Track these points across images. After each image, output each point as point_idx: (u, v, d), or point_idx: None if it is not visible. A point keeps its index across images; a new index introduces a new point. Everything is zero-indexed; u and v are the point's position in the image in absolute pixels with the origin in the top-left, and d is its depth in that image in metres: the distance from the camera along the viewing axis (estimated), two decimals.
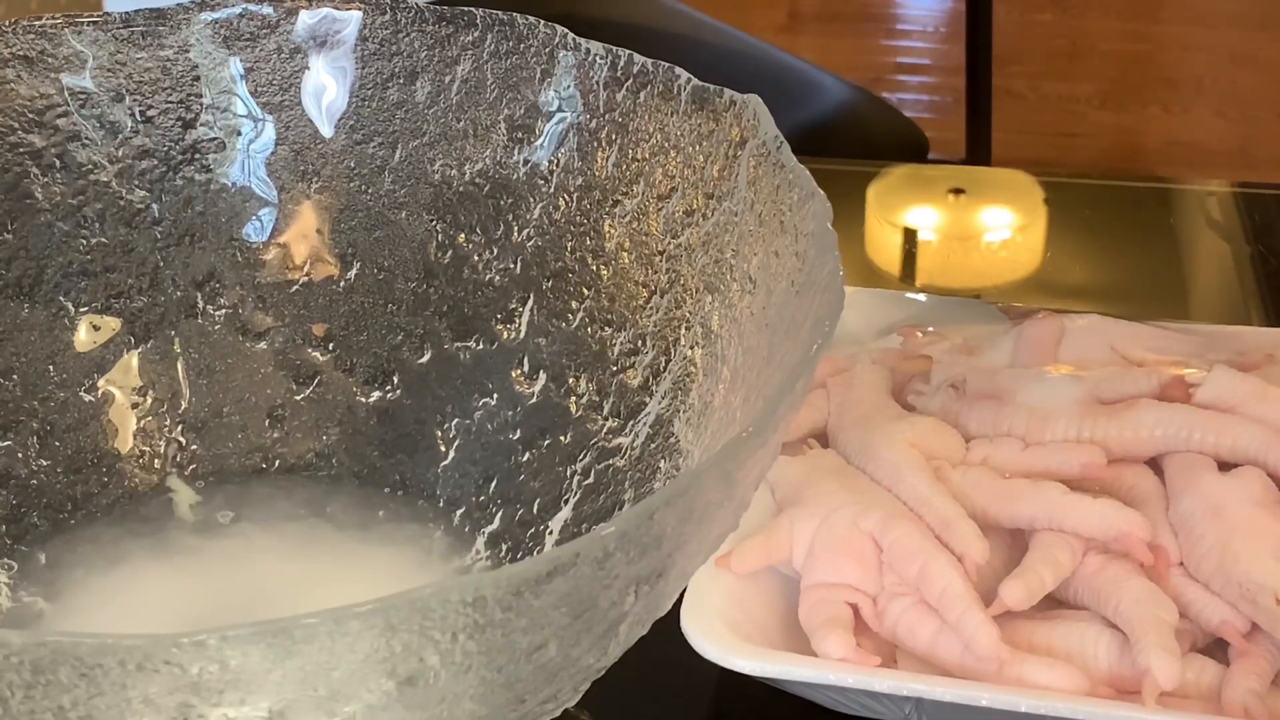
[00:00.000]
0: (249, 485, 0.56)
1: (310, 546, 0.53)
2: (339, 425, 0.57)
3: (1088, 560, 0.50)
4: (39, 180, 0.54)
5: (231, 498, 0.55)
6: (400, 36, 0.55)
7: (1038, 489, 0.51)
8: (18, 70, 0.54)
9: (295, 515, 0.54)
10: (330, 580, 0.52)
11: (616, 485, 0.51)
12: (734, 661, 0.47)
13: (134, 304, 0.56)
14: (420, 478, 0.55)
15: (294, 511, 0.54)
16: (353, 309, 0.57)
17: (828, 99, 1.27)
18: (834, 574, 0.50)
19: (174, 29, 0.55)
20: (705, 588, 0.49)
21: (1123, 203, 0.81)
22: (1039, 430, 0.53)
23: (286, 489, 0.55)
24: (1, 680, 0.32)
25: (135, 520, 0.54)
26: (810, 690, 0.49)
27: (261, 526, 0.54)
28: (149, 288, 0.56)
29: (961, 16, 1.53)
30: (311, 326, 0.57)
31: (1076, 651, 0.48)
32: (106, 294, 0.55)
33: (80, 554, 0.53)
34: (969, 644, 0.48)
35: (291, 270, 0.57)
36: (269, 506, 0.55)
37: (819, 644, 0.48)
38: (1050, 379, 0.55)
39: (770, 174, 0.47)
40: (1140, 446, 0.53)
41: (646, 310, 0.52)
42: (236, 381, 0.57)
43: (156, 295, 0.56)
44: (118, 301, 0.56)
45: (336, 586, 0.52)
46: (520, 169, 0.55)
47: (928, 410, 0.56)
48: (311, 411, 0.57)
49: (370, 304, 0.57)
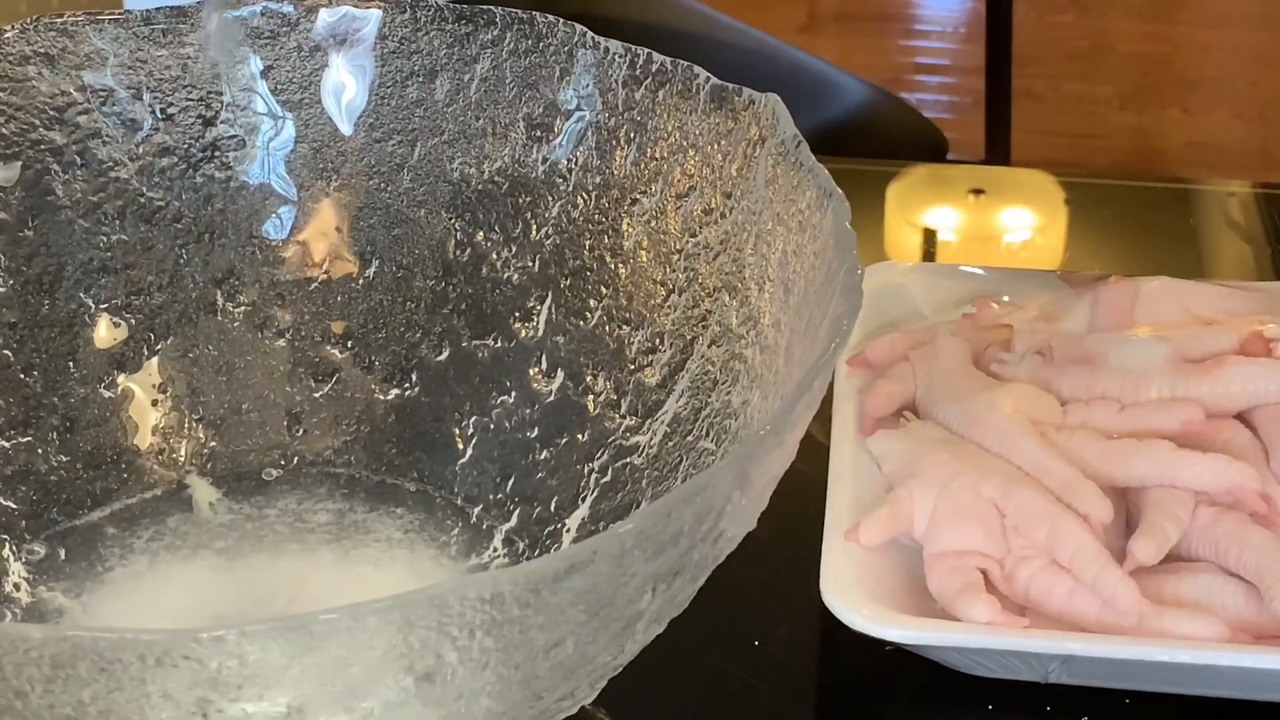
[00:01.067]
0: (267, 482, 0.56)
1: (328, 543, 0.53)
2: (357, 423, 0.57)
3: (1200, 513, 0.51)
4: (60, 177, 0.54)
5: (250, 494, 0.55)
6: (420, 35, 0.55)
7: (1148, 447, 0.52)
8: (39, 67, 0.54)
9: (314, 512, 0.54)
10: (348, 577, 0.52)
11: (634, 483, 0.51)
12: (886, 631, 0.48)
13: (154, 301, 0.56)
14: (438, 475, 0.56)
15: (312, 508, 0.55)
16: (371, 307, 0.57)
17: (847, 99, 1.27)
18: (960, 541, 0.51)
19: (195, 26, 0.55)
20: (838, 563, 0.50)
21: (1143, 203, 0.81)
22: (1134, 391, 0.54)
23: (305, 486, 0.56)
24: (22, 675, 0.32)
25: (154, 516, 0.54)
26: (952, 655, 0.50)
27: (280, 523, 0.54)
28: (169, 285, 0.56)
29: (981, 17, 1.53)
30: (330, 324, 0.57)
31: (1205, 601, 0.49)
32: (126, 291, 0.56)
33: (100, 550, 0.53)
34: (1109, 600, 0.49)
35: (310, 268, 0.57)
36: (287, 503, 0.55)
37: (963, 610, 0.49)
38: (1137, 341, 0.56)
39: (789, 173, 0.47)
40: (1232, 401, 0.54)
41: (664, 309, 0.52)
42: (255, 379, 0.57)
43: (176, 292, 0.56)
44: (138, 298, 0.56)
45: (354, 583, 0.52)
46: (539, 167, 0.55)
47: (1015, 378, 0.56)
48: (330, 409, 0.57)
49: (389, 302, 0.57)
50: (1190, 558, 0.51)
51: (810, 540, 0.51)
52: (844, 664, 0.53)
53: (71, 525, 0.53)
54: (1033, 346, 0.57)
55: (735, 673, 0.52)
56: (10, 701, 0.33)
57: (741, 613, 0.54)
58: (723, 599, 0.45)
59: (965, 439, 0.54)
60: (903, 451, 0.54)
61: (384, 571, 0.52)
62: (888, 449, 0.54)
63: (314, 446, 0.57)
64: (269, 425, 0.57)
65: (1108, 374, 0.55)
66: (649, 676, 0.44)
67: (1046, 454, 0.52)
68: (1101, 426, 0.54)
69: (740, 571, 0.43)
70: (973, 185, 0.83)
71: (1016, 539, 0.51)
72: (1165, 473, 0.52)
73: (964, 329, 0.59)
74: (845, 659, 0.53)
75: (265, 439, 0.57)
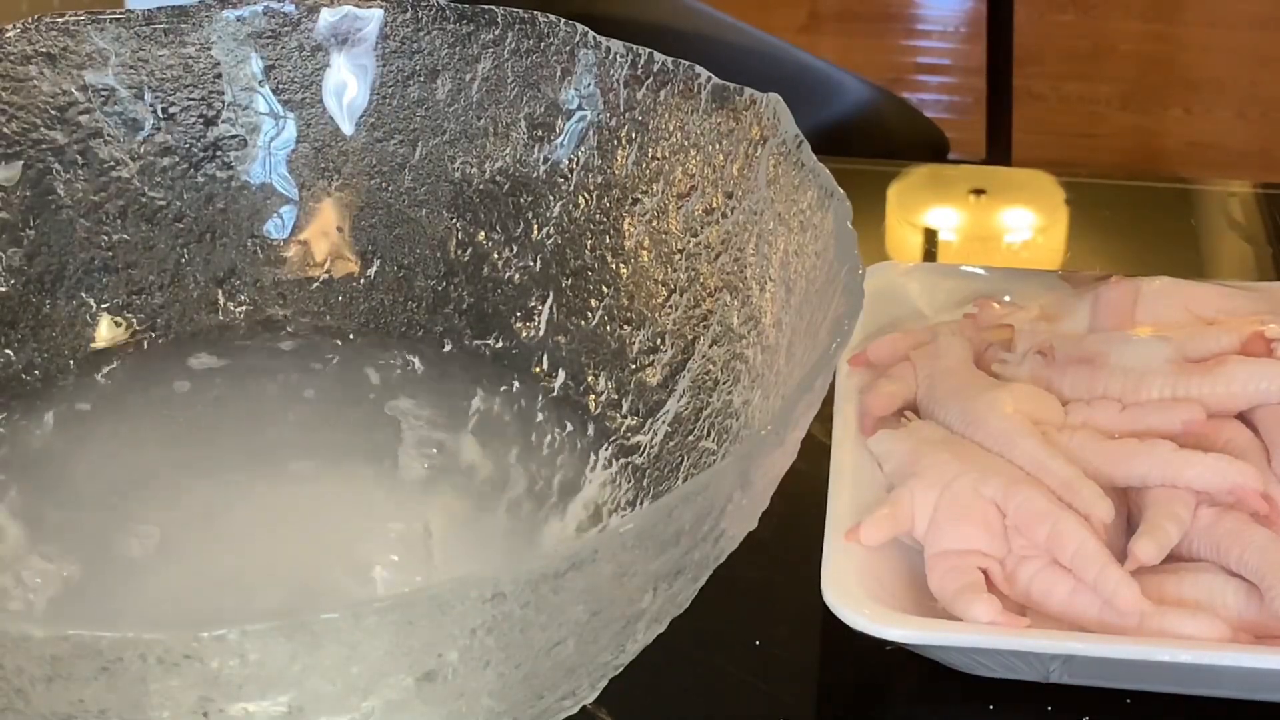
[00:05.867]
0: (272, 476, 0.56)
1: (339, 525, 0.53)
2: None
3: (1201, 513, 0.51)
4: (61, 177, 0.54)
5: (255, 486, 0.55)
6: (421, 34, 0.55)
7: (1149, 447, 0.52)
8: (40, 67, 0.54)
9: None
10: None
11: (635, 483, 0.51)
12: (888, 631, 0.48)
13: (155, 300, 0.56)
14: None
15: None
16: (373, 306, 0.57)
17: (848, 99, 1.27)
18: (961, 541, 0.51)
19: (196, 26, 0.55)
20: (839, 563, 0.50)
21: (1144, 203, 0.81)
22: (1135, 391, 0.55)
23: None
24: (23, 674, 0.32)
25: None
26: (953, 655, 0.50)
27: (279, 505, 0.54)
28: (170, 284, 0.56)
29: (982, 17, 1.53)
30: (331, 323, 0.57)
31: (1205, 601, 0.49)
32: (128, 290, 0.56)
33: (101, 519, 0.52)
34: (1110, 600, 0.49)
35: (312, 267, 0.57)
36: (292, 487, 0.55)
37: (963, 610, 0.49)
38: (1138, 341, 0.56)
39: (790, 173, 0.47)
40: (1233, 401, 0.54)
41: (666, 308, 0.52)
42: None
43: (177, 292, 0.56)
44: (139, 298, 0.56)
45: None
46: (540, 167, 0.55)
47: (1016, 377, 0.57)
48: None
49: (390, 301, 0.57)
50: (1191, 558, 0.51)
51: (811, 540, 0.51)
52: (845, 663, 0.53)
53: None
54: (1034, 346, 0.57)
55: (736, 672, 0.52)
56: (11, 700, 0.33)
57: (742, 612, 0.54)
58: (724, 599, 0.45)
59: (966, 439, 0.54)
60: (904, 451, 0.54)
61: None
62: (889, 449, 0.55)
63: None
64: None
65: (1109, 374, 0.55)
66: (650, 676, 0.44)
67: (1047, 454, 0.52)
68: (1102, 426, 0.54)
69: (741, 571, 0.43)
70: (974, 185, 0.83)
71: (1017, 539, 0.51)
72: (1166, 472, 0.52)
73: (965, 329, 0.59)
74: (846, 659, 0.53)
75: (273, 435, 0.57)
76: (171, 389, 0.56)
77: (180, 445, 0.55)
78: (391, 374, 0.57)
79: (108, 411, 0.55)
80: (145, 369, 0.56)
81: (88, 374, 0.55)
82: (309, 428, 0.56)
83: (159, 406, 0.56)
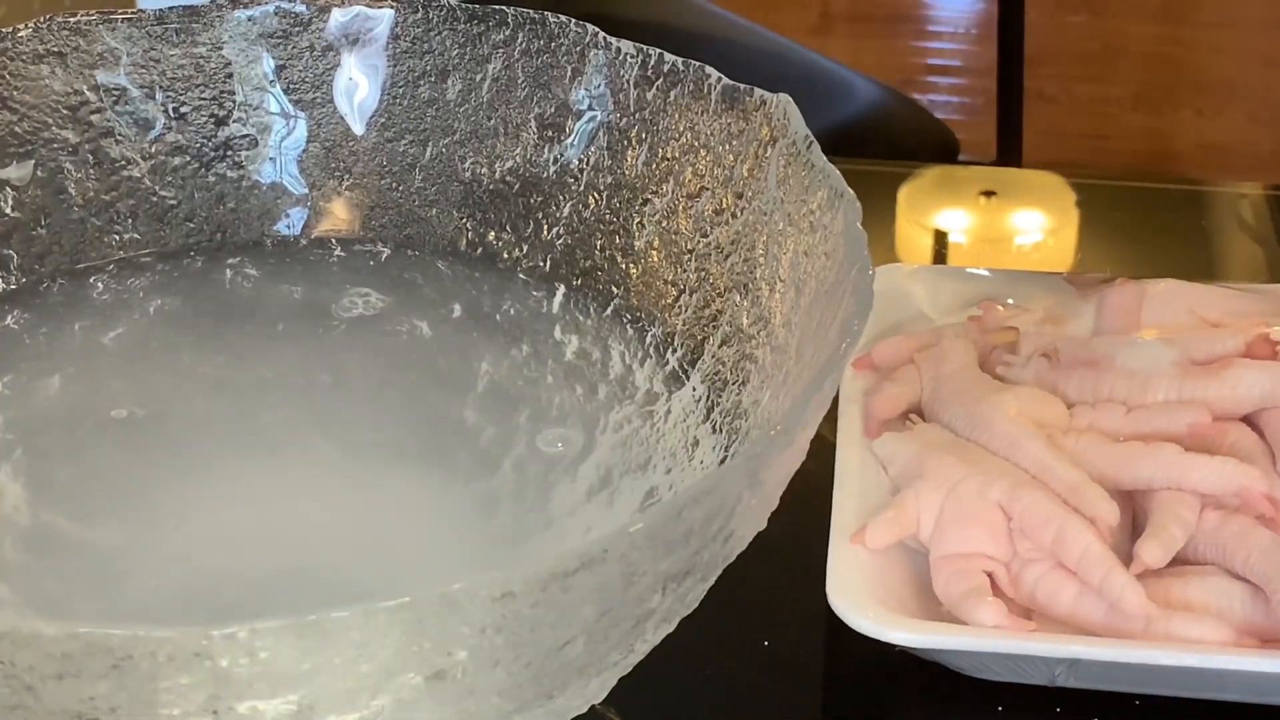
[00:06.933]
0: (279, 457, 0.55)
1: (353, 516, 0.53)
2: None
3: (1206, 516, 0.51)
4: (72, 176, 0.55)
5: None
6: (432, 34, 0.55)
7: (1155, 450, 0.52)
8: (52, 66, 0.54)
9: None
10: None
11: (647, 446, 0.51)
12: (893, 635, 0.48)
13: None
14: None
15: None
16: None
17: (858, 99, 1.27)
18: (966, 544, 0.51)
19: (207, 26, 0.55)
20: (844, 566, 0.50)
21: (1155, 205, 0.81)
22: (1140, 394, 0.54)
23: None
24: (33, 671, 0.32)
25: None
26: (959, 658, 0.50)
27: (292, 484, 0.53)
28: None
29: (993, 18, 1.53)
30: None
31: (1211, 605, 0.49)
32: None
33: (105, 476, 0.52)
34: (1116, 603, 0.48)
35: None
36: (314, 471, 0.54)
37: (969, 613, 0.49)
38: (1143, 343, 0.56)
39: (800, 173, 0.47)
40: (1239, 404, 0.54)
41: (676, 309, 0.52)
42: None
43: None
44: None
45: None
46: (550, 167, 0.55)
47: (1021, 380, 0.56)
48: None
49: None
50: (1197, 561, 0.51)
51: (820, 540, 0.51)
52: (852, 665, 0.53)
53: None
54: (1039, 349, 0.57)
55: (745, 672, 0.52)
56: (22, 697, 0.33)
57: (751, 613, 0.54)
58: (732, 599, 0.45)
59: (971, 442, 0.54)
60: (908, 454, 0.54)
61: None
62: (893, 452, 0.54)
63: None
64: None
65: (1114, 377, 0.55)
66: (659, 676, 0.44)
67: (1052, 457, 0.52)
68: (1108, 429, 0.54)
69: (750, 572, 0.43)
70: (984, 186, 0.83)
71: (1023, 542, 0.51)
72: (1172, 475, 0.51)
73: (970, 331, 0.59)
74: (853, 661, 0.53)
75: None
76: None
77: (184, 436, 0.55)
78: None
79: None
80: None
81: None
82: (317, 415, 0.56)
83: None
